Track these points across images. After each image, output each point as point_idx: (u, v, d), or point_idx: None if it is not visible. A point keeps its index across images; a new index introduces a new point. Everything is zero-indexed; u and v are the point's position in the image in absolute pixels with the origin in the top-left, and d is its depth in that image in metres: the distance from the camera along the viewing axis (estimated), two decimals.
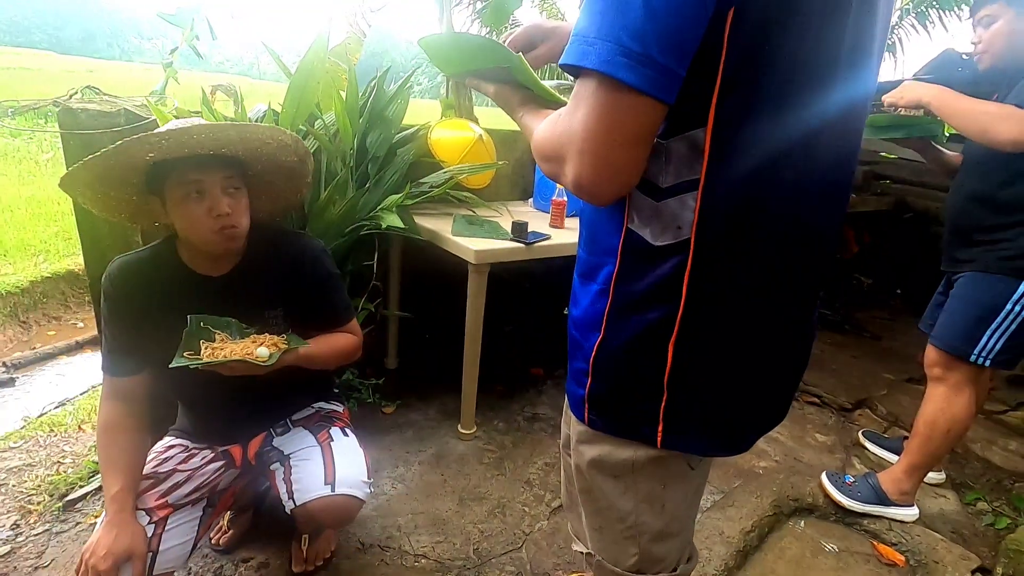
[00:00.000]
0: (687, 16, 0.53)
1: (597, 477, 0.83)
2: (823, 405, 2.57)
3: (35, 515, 1.58)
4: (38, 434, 1.97)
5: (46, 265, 3.56)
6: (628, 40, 0.53)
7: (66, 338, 2.99)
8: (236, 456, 1.33)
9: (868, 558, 1.69)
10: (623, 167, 0.59)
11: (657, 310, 0.68)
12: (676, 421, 0.73)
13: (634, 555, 0.86)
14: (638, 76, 0.53)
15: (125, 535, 1.09)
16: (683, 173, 0.63)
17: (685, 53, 0.54)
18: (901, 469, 1.80)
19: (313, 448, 1.33)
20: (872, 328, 3.40)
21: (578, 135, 0.58)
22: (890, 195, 3.67)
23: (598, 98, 0.56)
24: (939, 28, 5.57)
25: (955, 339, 1.64)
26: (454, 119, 2.34)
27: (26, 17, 47.58)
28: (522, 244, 1.84)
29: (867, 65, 0.67)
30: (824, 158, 0.66)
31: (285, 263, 1.28)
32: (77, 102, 1.57)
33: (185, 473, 1.26)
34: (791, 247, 0.68)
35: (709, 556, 1.60)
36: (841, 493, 1.84)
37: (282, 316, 1.28)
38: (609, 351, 0.74)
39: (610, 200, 0.64)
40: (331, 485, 1.25)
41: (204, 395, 1.29)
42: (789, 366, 0.80)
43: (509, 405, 2.32)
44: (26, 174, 5.83)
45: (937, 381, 1.71)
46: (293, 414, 1.42)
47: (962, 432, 1.71)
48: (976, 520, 1.88)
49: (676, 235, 0.65)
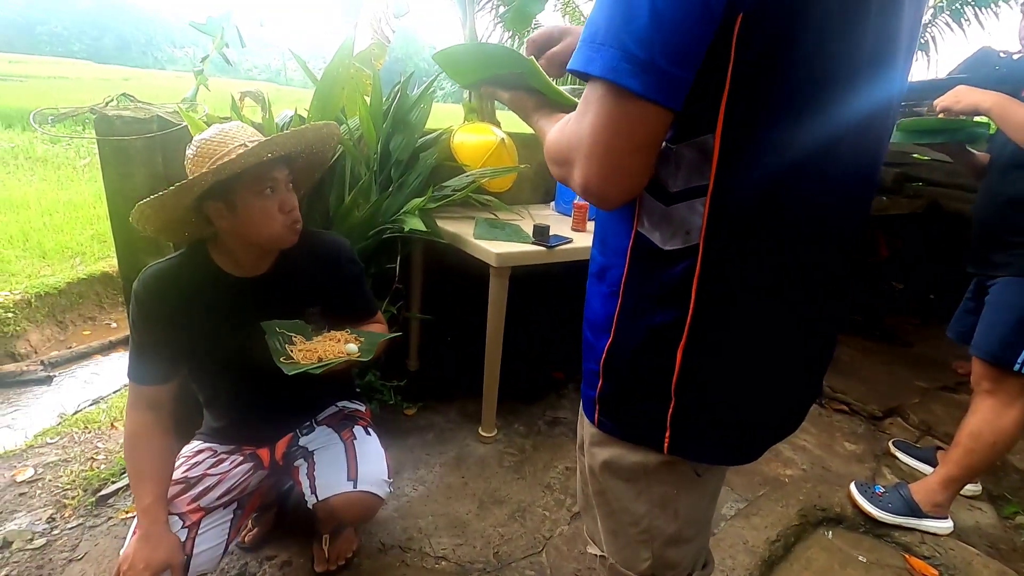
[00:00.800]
0: (693, 23, 0.52)
1: (610, 480, 0.83)
2: (852, 413, 2.51)
3: (70, 509, 1.63)
4: (73, 431, 2.04)
5: (82, 267, 3.68)
6: (634, 47, 0.53)
7: (100, 338, 3.09)
8: (264, 458, 1.36)
9: (900, 572, 1.63)
10: (630, 172, 0.60)
11: (666, 314, 0.68)
12: (683, 427, 0.72)
13: (647, 559, 0.85)
14: (643, 83, 0.53)
15: (161, 548, 1.11)
16: (693, 179, 0.62)
17: (692, 60, 0.54)
18: (937, 480, 1.74)
19: (337, 445, 1.35)
20: (903, 334, 3.30)
21: (586, 140, 0.59)
22: (923, 198, 3.56)
23: (604, 104, 0.56)
24: (975, 26, 5.40)
25: (995, 347, 1.58)
26: (476, 123, 2.35)
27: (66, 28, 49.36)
28: (544, 247, 1.84)
29: (891, 69, 0.65)
30: (842, 164, 0.64)
31: (320, 260, 1.31)
32: (112, 109, 1.62)
33: (216, 477, 1.28)
34: (804, 255, 0.67)
35: (733, 565, 1.57)
36: (871, 504, 1.78)
37: (320, 313, 1.30)
38: (619, 354, 0.74)
39: (618, 204, 0.64)
40: (353, 482, 1.27)
41: (234, 398, 1.32)
42: (803, 375, 0.78)
43: (530, 408, 2.32)
44: (64, 179, 6.04)
45: (986, 395, 1.65)
46: (318, 414, 1.44)
47: (1008, 447, 1.64)
48: (1015, 535, 1.81)
49: (685, 240, 0.65)
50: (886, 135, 0.70)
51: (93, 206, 5.00)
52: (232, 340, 1.22)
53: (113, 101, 1.68)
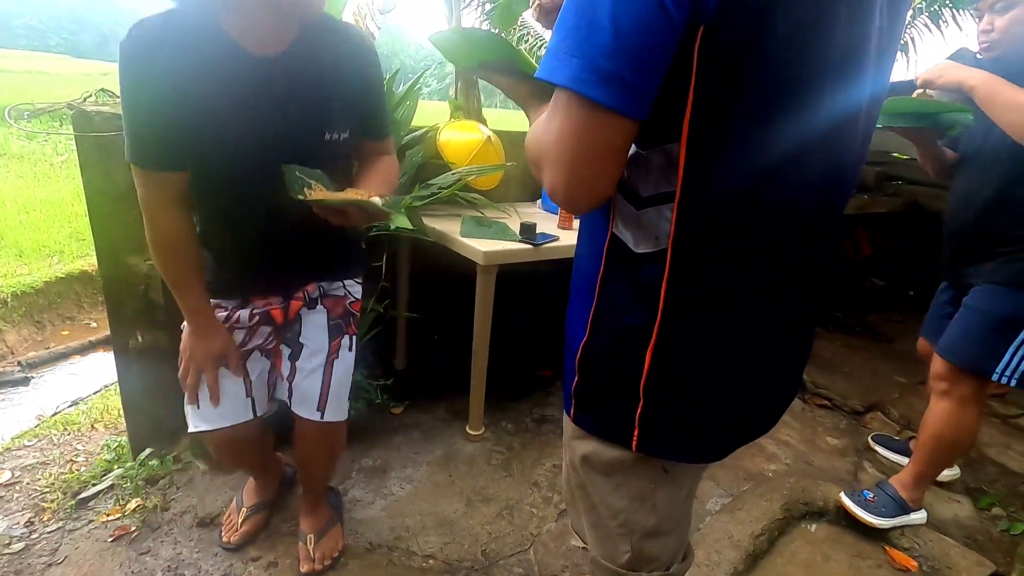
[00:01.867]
0: (653, 35, 0.53)
1: (589, 474, 0.84)
2: (834, 408, 2.55)
3: (49, 513, 1.60)
4: (52, 432, 2.00)
5: (60, 266, 3.61)
6: (597, 57, 0.53)
7: (79, 338, 3.03)
8: (277, 318, 1.29)
9: (880, 563, 1.66)
10: (595, 180, 0.61)
11: (636, 316, 0.69)
12: (651, 427, 0.73)
13: (626, 552, 0.86)
14: (606, 93, 0.54)
15: (216, 340, 1.21)
16: (661, 184, 0.64)
17: (655, 71, 0.55)
18: (911, 477, 1.75)
19: (320, 355, 1.31)
20: (884, 331, 3.36)
21: (553, 147, 0.60)
22: (902, 196, 3.63)
23: (569, 113, 0.57)
24: (952, 27, 5.50)
25: (973, 355, 1.55)
26: (463, 121, 2.34)
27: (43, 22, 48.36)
28: (531, 245, 1.84)
29: (859, 74, 0.64)
30: (809, 173, 0.65)
31: (345, 51, 1.13)
32: (91, 105, 1.59)
33: (243, 331, 1.28)
34: (772, 264, 0.67)
35: (718, 560, 1.59)
36: (867, 512, 1.72)
37: (348, 142, 1.17)
38: (592, 352, 0.75)
39: (586, 209, 0.66)
40: (321, 412, 1.31)
41: (243, 215, 1.17)
42: (773, 379, 0.79)
43: (517, 406, 2.32)
44: (41, 176, 5.92)
45: (942, 395, 1.64)
46: (329, 279, 1.35)
47: (970, 443, 1.67)
48: (991, 525, 1.85)
49: (655, 244, 0.66)
50: (858, 142, 0.70)
51: (71, 204, 4.90)
52: (244, 131, 1.04)
53: (92, 96, 1.65)
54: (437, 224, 2.00)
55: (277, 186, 1.01)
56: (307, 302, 1.32)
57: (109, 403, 2.21)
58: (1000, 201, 1.50)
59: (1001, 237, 1.51)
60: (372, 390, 2.15)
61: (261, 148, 1.06)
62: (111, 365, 1.78)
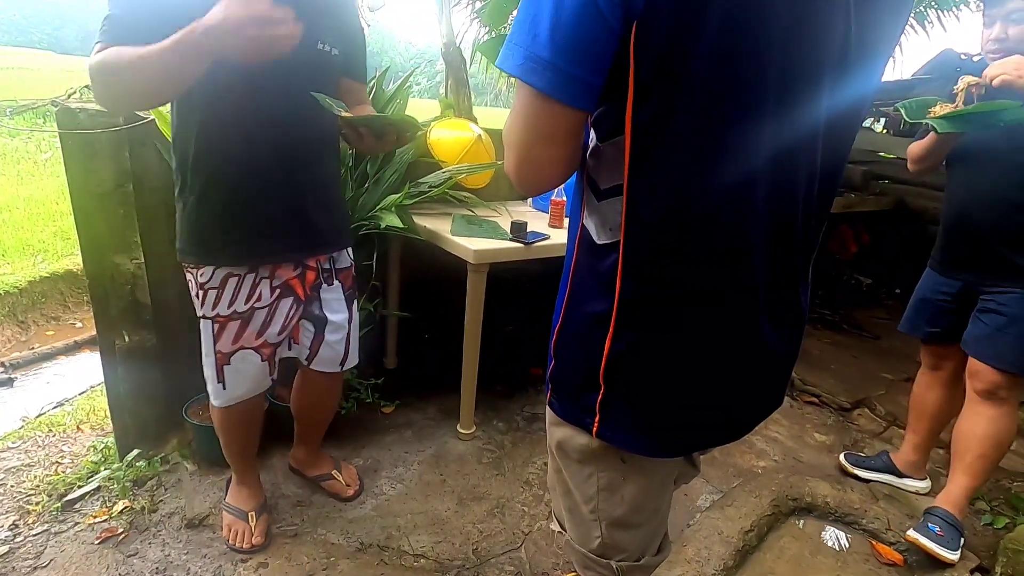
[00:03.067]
0: (588, 28, 0.56)
1: (564, 459, 0.86)
2: (822, 405, 2.57)
3: (34, 515, 1.57)
4: (37, 434, 1.97)
5: (44, 265, 3.56)
6: (538, 48, 0.57)
7: (64, 338, 2.99)
8: (297, 289, 1.36)
9: (867, 557, 1.69)
10: (542, 164, 0.66)
11: (599, 304, 0.71)
12: (609, 415, 0.75)
13: (597, 538, 0.88)
14: (545, 82, 0.58)
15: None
16: (614, 177, 0.66)
17: (593, 62, 0.58)
18: (963, 496, 1.67)
19: (342, 330, 1.47)
20: (871, 328, 3.40)
21: (509, 132, 0.66)
22: (889, 195, 3.67)
23: (520, 99, 0.62)
24: (937, 28, 5.57)
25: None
26: (453, 119, 2.34)
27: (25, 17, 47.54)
28: (521, 244, 1.84)
29: (816, 87, 0.63)
30: (760, 187, 0.64)
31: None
32: (76, 102, 1.56)
33: (264, 311, 1.32)
34: (718, 272, 0.67)
35: (708, 556, 1.60)
36: (940, 546, 1.59)
37: (339, 61, 1.26)
38: (563, 338, 0.78)
39: (535, 193, 0.73)
40: (341, 366, 1.51)
41: (242, 153, 1.18)
42: (734, 386, 0.76)
43: (508, 405, 2.32)
44: (25, 174, 5.83)
45: (1000, 401, 1.61)
46: (334, 247, 1.42)
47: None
48: (975, 519, 1.88)
49: (611, 236, 0.68)
50: (816, 156, 0.68)
51: (55, 202, 4.84)
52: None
53: (76, 93, 1.63)
54: (428, 223, 1.99)
55: (278, 112, 1.12)
56: (321, 274, 1.40)
57: (95, 404, 2.19)
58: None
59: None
60: (363, 389, 2.14)
61: (254, 73, 1.08)
62: (97, 365, 1.76)
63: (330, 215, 1.38)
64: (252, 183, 1.22)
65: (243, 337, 1.32)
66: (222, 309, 1.28)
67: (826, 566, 1.64)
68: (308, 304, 1.41)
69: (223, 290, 1.27)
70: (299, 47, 1.05)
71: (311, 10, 1.14)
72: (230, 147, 1.18)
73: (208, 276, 1.26)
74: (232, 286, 1.28)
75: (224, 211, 1.22)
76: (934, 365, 1.88)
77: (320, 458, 1.75)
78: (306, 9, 1.10)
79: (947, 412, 1.86)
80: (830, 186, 0.74)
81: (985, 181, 1.59)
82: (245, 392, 1.38)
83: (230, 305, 1.29)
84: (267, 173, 1.22)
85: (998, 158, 1.55)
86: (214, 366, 1.34)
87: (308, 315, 1.43)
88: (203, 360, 1.35)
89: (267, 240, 1.27)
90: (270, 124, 1.19)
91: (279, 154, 1.22)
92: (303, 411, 1.65)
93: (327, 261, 1.41)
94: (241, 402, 1.39)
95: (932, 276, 1.79)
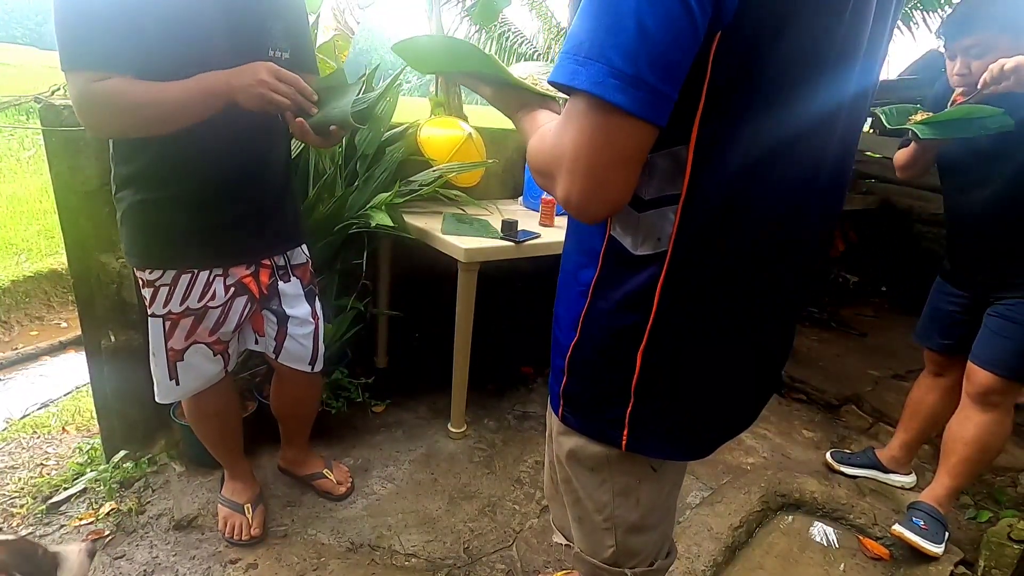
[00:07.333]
0: (680, 38, 0.52)
1: (575, 468, 0.85)
2: (810, 402, 2.60)
3: (18, 518, 1.55)
4: (21, 436, 1.94)
5: (28, 264, 3.50)
6: (620, 61, 0.51)
7: (49, 338, 2.94)
8: (252, 288, 1.33)
9: (854, 552, 1.71)
10: (613, 187, 0.58)
11: (630, 317, 0.70)
12: (640, 427, 0.74)
13: (610, 547, 0.87)
14: (630, 99, 0.52)
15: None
16: (665, 187, 0.64)
17: (676, 75, 0.54)
18: (945, 495, 1.70)
19: (310, 328, 1.46)
20: (858, 325, 3.44)
21: (568, 154, 0.57)
22: (875, 194, 3.71)
23: (589, 119, 0.55)
24: (923, 29, 5.63)
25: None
26: (443, 117, 2.33)
27: (6, 12, 46.70)
28: (512, 243, 1.84)
29: (849, 75, 0.65)
30: (797, 171, 0.66)
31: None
32: (59, 98, 1.54)
33: (218, 310, 1.30)
34: (766, 263, 0.69)
35: (698, 552, 1.61)
36: (926, 540, 1.62)
37: (290, 60, 1.23)
38: (583, 353, 0.76)
39: (601, 218, 0.64)
40: (312, 366, 1.48)
41: (197, 145, 1.17)
42: (758, 375, 0.81)
43: (499, 404, 2.32)
44: (7, 172, 5.72)
45: (991, 407, 1.62)
46: (288, 244, 1.41)
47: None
48: (959, 514, 1.91)
49: (655, 246, 0.66)
50: (836, 140, 0.69)
51: (39, 200, 4.76)
52: (191, 35, 1.07)
53: (59, 90, 1.60)
54: (418, 221, 1.99)
55: (228, 117, 1.10)
56: (276, 271, 1.38)
57: (81, 405, 2.16)
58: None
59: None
60: (353, 389, 2.13)
61: (207, 52, 1.08)
62: (82, 366, 1.74)
63: (283, 215, 1.38)
64: (204, 189, 1.21)
65: (196, 333, 1.30)
66: (174, 307, 1.26)
67: (814, 561, 1.66)
68: (267, 301, 1.39)
69: (175, 287, 1.25)
70: (251, 57, 1.11)
71: (260, 16, 1.18)
72: (180, 152, 1.17)
73: (159, 274, 1.24)
74: (184, 283, 1.25)
75: (173, 217, 1.21)
76: (937, 372, 1.89)
77: (310, 457, 1.75)
78: (256, 15, 1.17)
79: (942, 416, 1.85)
80: (844, 186, 0.77)
81: (975, 194, 1.59)
82: (199, 386, 1.37)
83: (182, 302, 1.26)
84: (218, 178, 1.22)
85: (985, 170, 1.55)
86: (165, 364, 1.32)
87: (269, 309, 1.41)
88: (151, 359, 1.33)
89: (218, 244, 1.27)
90: (221, 128, 1.16)
91: (231, 160, 1.22)
92: (282, 410, 1.65)
93: (281, 258, 1.40)
94: (200, 392, 1.38)
95: (943, 285, 1.80)
